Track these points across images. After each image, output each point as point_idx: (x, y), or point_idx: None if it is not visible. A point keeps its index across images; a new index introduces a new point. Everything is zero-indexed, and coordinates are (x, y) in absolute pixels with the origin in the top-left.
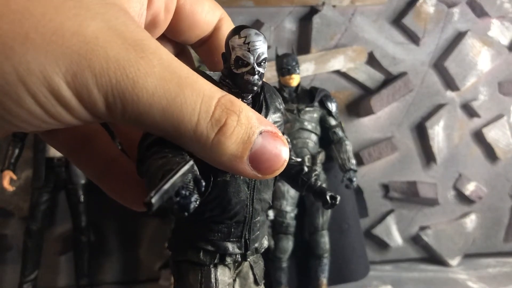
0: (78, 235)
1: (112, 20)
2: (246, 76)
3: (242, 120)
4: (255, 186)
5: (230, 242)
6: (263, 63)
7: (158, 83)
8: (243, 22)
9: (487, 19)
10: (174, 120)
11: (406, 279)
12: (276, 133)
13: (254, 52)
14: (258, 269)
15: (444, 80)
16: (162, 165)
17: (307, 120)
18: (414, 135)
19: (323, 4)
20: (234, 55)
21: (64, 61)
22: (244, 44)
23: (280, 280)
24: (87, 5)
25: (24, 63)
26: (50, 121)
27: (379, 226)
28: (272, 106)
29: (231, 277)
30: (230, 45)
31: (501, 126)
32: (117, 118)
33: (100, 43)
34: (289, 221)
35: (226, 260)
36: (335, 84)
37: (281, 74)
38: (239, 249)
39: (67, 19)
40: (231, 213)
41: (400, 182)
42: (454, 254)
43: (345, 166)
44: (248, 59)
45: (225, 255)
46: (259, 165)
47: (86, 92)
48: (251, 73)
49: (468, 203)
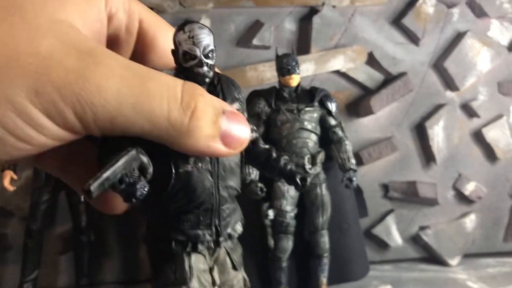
0: (78, 235)
1: (63, 35)
2: (196, 69)
3: (208, 102)
4: (218, 173)
5: (200, 229)
6: (210, 54)
7: (121, 83)
8: (243, 22)
9: (487, 19)
10: (146, 113)
11: (406, 279)
12: (234, 111)
13: (199, 45)
14: (236, 255)
15: (444, 80)
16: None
17: (307, 120)
18: (414, 135)
19: (323, 4)
20: (181, 50)
21: (24, 82)
22: (189, 39)
23: (280, 280)
24: (36, 25)
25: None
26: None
27: (379, 226)
28: (230, 96)
29: (206, 263)
30: (177, 41)
31: (500, 126)
32: (91, 127)
33: (56, 58)
34: (289, 221)
35: (198, 248)
36: (335, 84)
37: (281, 74)
38: (210, 236)
39: (20, 42)
40: (197, 202)
41: (400, 182)
42: (454, 254)
43: (345, 166)
44: (194, 52)
45: (197, 243)
46: (229, 141)
47: (52, 107)
48: (199, 65)
49: (467, 203)
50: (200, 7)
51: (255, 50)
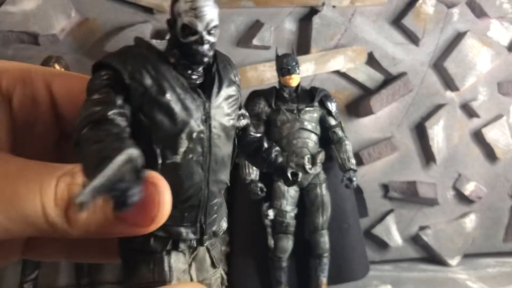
0: None
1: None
2: (195, 46)
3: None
4: (210, 166)
5: (183, 227)
6: (213, 31)
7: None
8: (243, 22)
9: (487, 19)
10: (20, 218)
11: (405, 279)
12: None
13: (202, 19)
14: (216, 252)
15: (444, 80)
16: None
17: (307, 120)
18: (414, 135)
19: (323, 4)
20: (180, 22)
21: None
22: (191, 10)
23: (280, 280)
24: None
25: None
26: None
27: (379, 226)
28: (226, 79)
29: (186, 263)
30: (175, 10)
31: (500, 126)
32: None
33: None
34: (289, 221)
35: (179, 246)
36: (335, 84)
37: (281, 74)
38: (194, 234)
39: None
40: (183, 197)
41: (400, 182)
42: (453, 254)
43: (345, 166)
44: (195, 26)
45: (179, 241)
46: (133, 219)
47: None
48: (200, 42)
49: (467, 203)
50: None
51: (255, 50)
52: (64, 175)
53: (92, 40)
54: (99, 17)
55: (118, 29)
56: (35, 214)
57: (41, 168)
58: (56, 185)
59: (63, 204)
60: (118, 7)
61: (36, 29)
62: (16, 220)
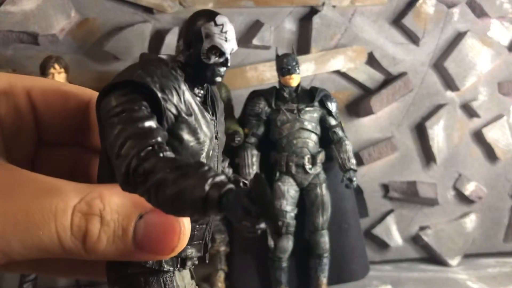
0: None
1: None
2: (217, 67)
3: (107, 218)
4: None
5: (191, 245)
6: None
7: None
8: (243, 22)
9: (487, 19)
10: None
11: (406, 279)
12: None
13: (230, 43)
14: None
15: (444, 80)
16: (197, 181)
17: (307, 120)
18: (414, 135)
19: (323, 4)
20: (209, 43)
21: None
22: (222, 33)
23: (280, 280)
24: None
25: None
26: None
27: (379, 226)
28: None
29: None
30: (204, 32)
31: (500, 126)
32: None
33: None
34: (289, 221)
35: (186, 265)
36: (335, 84)
37: (281, 74)
38: (198, 252)
39: None
40: None
41: (400, 182)
42: (454, 254)
43: (345, 166)
44: (224, 49)
45: (186, 260)
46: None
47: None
48: (224, 64)
49: (468, 203)
50: (200, 7)
51: (255, 50)
52: (80, 204)
53: (91, 40)
54: (99, 17)
55: (118, 29)
56: (50, 242)
57: (54, 193)
58: (73, 215)
59: (80, 234)
60: (118, 7)
61: (36, 29)
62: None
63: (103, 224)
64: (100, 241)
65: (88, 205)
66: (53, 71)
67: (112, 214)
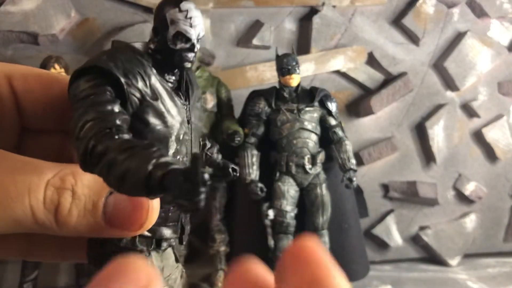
0: None
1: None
2: (185, 53)
3: (78, 192)
4: None
5: (167, 227)
6: (200, 40)
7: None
8: (243, 22)
9: (487, 19)
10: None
11: (406, 279)
12: None
13: (196, 28)
14: (177, 249)
15: (444, 80)
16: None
17: (307, 120)
18: (414, 135)
19: (323, 4)
20: (173, 29)
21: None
22: (186, 19)
23: None
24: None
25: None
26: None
27: (379, 226)
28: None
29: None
30: (169, 18)
31: (500, 126)
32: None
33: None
34: (289, 221)
35: (162, 246)
36: (335, 84)
37: (281, 74)
38: (175, 233)
39: None
40: None
41: (400, 182)
42: (454, 254)
43: (345, 166)
44: (190, 34)
45: (161, 240)
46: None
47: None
48: (191, 50)
49: (468, 203)
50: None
51: (255, 50)
52: (53, 178)
53: (92, 40)
54: (99, 17)
55: (118, 29)
56: (24, 215)
57: (30, 169)
58: (46, 188)
59: (52, 207)
60: (118, 7)
61: (36, 29)
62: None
63: (74, 198)
64: (71, 215)
65: (61, 180)
66: (53, 71)
67: (83, 189)
